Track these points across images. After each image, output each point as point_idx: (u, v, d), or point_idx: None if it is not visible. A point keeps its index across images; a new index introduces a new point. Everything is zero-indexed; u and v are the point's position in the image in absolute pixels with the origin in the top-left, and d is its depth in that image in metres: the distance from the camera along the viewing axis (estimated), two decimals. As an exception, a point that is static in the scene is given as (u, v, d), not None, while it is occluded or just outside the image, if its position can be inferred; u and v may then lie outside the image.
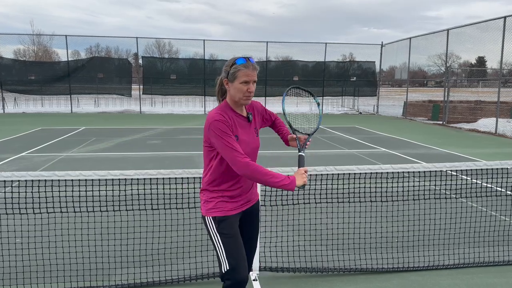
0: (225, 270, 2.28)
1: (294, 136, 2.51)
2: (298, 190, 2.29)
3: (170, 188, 3.44)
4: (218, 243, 2.32)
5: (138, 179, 3.09)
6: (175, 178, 3.13)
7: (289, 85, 2.92)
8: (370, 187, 3.92)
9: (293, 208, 3.70)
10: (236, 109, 2.33)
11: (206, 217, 2.36)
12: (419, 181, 4.12)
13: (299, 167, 2.33)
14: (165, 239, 3.68)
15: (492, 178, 3.91)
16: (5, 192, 3.58)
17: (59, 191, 3.31)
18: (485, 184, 4.13)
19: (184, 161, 8.54)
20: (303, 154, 2.40)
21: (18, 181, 2.99)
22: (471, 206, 4.64)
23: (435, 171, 3.54)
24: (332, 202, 3.77)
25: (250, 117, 2.39)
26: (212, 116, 2.22)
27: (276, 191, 3.62)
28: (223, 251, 2.30)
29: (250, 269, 2.52)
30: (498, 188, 4.46)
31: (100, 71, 22.71)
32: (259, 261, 3.48)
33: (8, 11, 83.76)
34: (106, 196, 3.44)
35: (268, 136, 2.73)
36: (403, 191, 3.89)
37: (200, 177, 3.20)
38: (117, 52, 31.75)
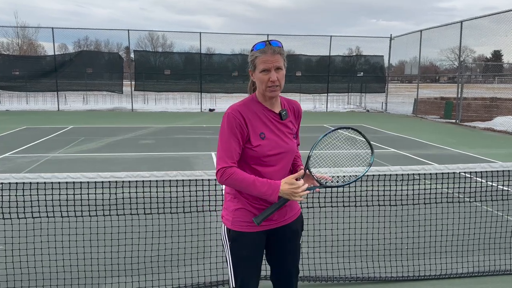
0: (232, 287, 2.26)
1: (302, 172, 2.10)
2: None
3: (164, 191, 3.45)
4: (228, 258, 2.24)
5: (129, 181, 3.10)
6: (170, 181, 3.14)
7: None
8: (378, 190, 3.92)
9: (295, 213, 3.71)
10: (264, 103, 2.13)
11: (222, 222, 2.25)
12: (430, 184, 4.12)
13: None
14: (159, 245, 3.68)
15: (509, 180, 3.91)
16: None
17: (45, 195, 3.31)
18: (501, 187, 4.14)
19: (179, 162, 8.55)
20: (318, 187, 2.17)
21: (1, 183, 2.99)
22: (486, 211, 4.64)
23: (448, 173, 3.54)
24: (337, 206, 3.77)
25: (284, 114, 2.16)
26: (229, 108, 2.11)
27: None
28: (232, 269, 2.23)
29: None
30: (515, 191, 4.46)
31: (89, 66, 22.73)
32: (259, 270, 3.48)
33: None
34: (95, 199, 3.44)
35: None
36: (413, 195, 3.90)
37: (196, 179, 3.21)
38: (107, 45, 31.88)
